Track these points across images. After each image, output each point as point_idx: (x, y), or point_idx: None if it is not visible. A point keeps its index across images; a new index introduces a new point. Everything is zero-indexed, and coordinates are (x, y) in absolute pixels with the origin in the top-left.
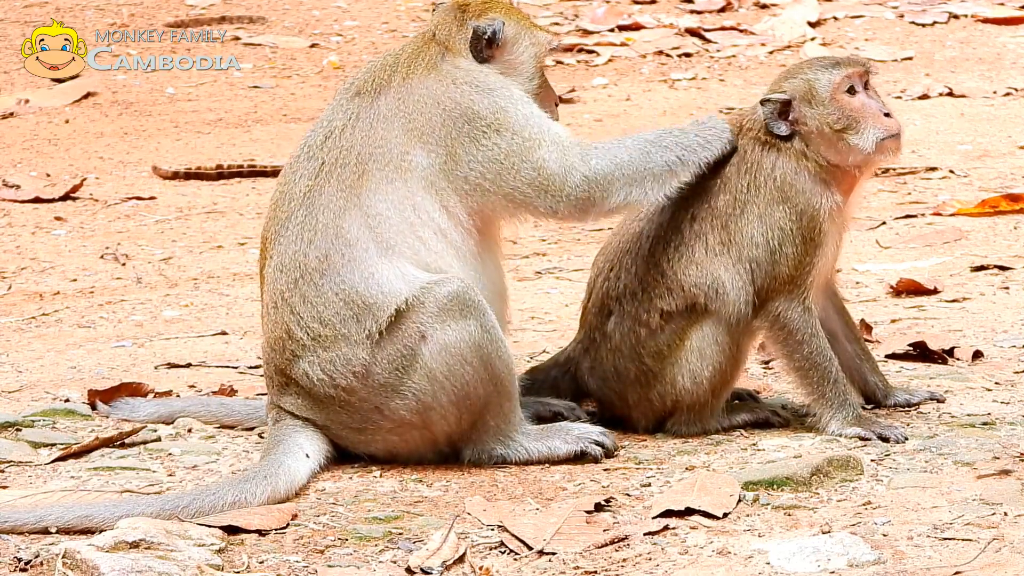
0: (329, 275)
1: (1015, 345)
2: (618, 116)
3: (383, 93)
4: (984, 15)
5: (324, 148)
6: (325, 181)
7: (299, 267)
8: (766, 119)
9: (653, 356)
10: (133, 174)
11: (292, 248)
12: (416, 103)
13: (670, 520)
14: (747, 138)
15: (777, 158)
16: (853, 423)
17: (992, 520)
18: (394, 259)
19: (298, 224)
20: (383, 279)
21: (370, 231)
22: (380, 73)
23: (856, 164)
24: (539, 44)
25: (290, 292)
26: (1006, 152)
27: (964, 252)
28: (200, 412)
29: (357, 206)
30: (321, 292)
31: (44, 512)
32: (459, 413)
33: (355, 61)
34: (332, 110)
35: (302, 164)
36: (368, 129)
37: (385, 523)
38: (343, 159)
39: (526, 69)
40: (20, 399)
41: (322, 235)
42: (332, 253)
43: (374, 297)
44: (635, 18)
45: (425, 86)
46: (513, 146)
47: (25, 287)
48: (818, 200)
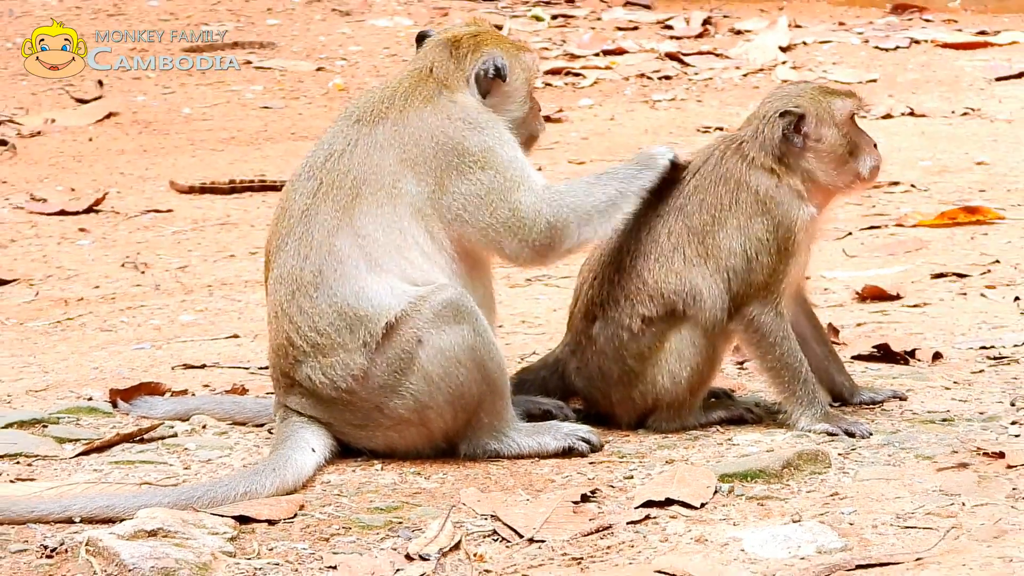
0: (322, 289)
1: (972, 347)
2: (603, 135)
3: (381, 123)
4: (943, 40)
5: (324, 169)
6: (322, 201)
7: (296, 280)
8: (784, 130)
9: (635, 358)
10: (152, 188)
11: (290, 262)
12: (411, 134)
13: (651, 510)
14: (731, 155)
15: (759, 174)
16: (822, 420)
17: (951, 510)
18: (382, 275)
19: (296, 239)
20: (372, 294)
21: (360, 249)
22: (379, 104)
23: (847, 185)
24: (528, 69)
25: (288, 303)
26: (964, 168)
27: (925, 261)
28: (214, 410)
29: (349, 225)
30: (316, 304)
31: (68, 503)
32: (455, 411)
33: (359, 83)
34: (333, 134)
35: (302, 183)
36: (365, 155)
37: (386, 513)
38: (339, 182)
39: (519, 94)
40: (46, 397)
41: (316, 251)
42: (325, 268)
43: (364, 310)
44: (619, 43)
45: (421, 119)
46: (495, 184)
47: (51, 293)
48: (795, 212)
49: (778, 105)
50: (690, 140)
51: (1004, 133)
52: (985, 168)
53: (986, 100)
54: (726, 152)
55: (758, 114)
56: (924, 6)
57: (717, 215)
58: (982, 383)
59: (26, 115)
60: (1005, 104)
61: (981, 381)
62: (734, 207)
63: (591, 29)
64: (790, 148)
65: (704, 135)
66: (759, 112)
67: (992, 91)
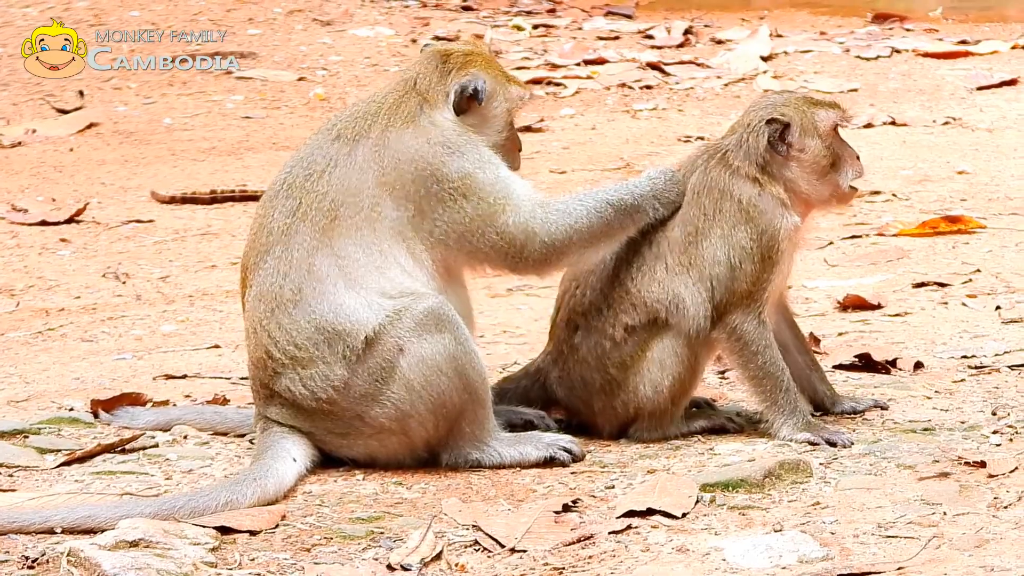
0: (301, 306)
1: (953, 356)
2: (584, 144)
3: (361, 142)
4: (924, 50)
5: (303, 189)
6: (301, 221)
7: (275, 298)
8: (770, 137)
9: (617, 367)
10: (133, 199)
11: (269, 280)
12: (390, 158)
13: (633, 520)
14: (714, 164)
15: (743, 182)
16: (803, 429)
17: (932, 519)
18: (361, 292)
19: (275, 258)
20: (351, 310)
21: (339, 269)
22: (361, 121)
23: (827, 197)
24: (512, 100)
25: (267, 320)
26: (945, 177)
27: (906, 270)
28: (195, 420)
29: (328, 246)
30: (295, 321)
31: (50, 513)
32: (436, 420)
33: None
34: (313, 149)
35: (281, 201)
36: (344, 176)
37: (367, 523)
38: (318, 203)
39: (498, 123)
40: (28, 408)
41: (296, 270)
42: (304, 287)
43: (343, 325)
44: (600, 53)
45: (401, 141)
46: (479, 211)
47: (32, 304)
48: (778, 221)
49: (763, 114)
50: (671, 150)
51: (985, 142)
52: (966, 177)
53: (967, 109)
54: (709, 162)
55: (742, 123)
56: (905, 15)
57: (701, 225)
58: (963, 392)
59: (7, 125)
60: (986, 113)
61: (962, 390)
62: (718, 216)
63: (572, 39)
64: (774, 157)
65: (685, 144)
66: (743, 121)
67: (973, 100)
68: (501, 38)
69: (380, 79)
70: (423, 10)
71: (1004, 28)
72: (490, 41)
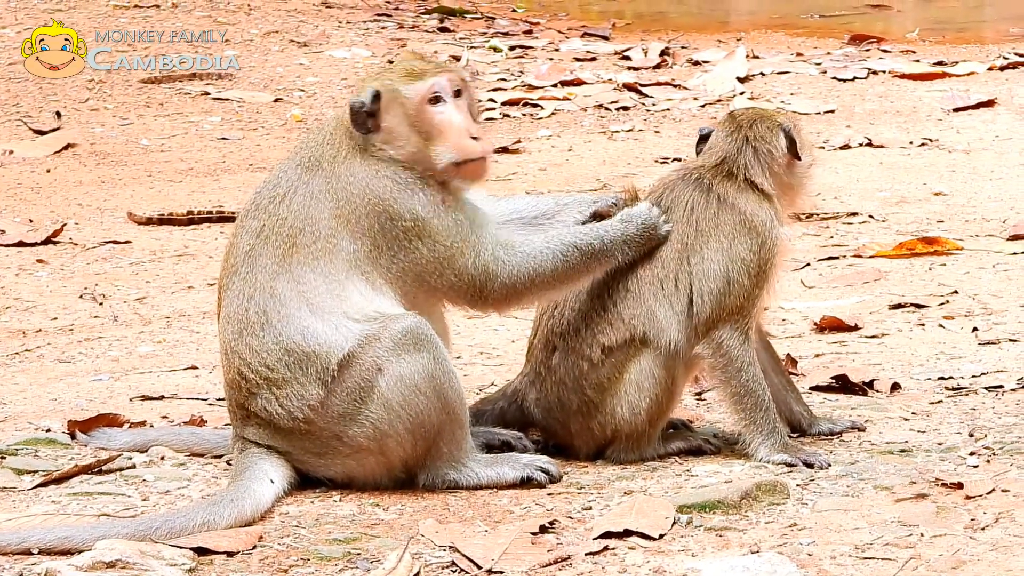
0: (268, 329)
1: (930, 378)
2: (561, 165)
3: (317, 172)
4: (901, 71)
5: (267, 212)
6: (263, 244)
7: (241, 320)
8: (788, 147)
9: (594, 388)
10: (110, 220)
11: (236, 302)
12: (343, 189)
13: (610, 541)
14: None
15: (746, 195)
16: (780, 450)
17: (909, 540)
18: (326, 316)
19: (241, 279)
20: (319, 333)
21: (300, 295)
22: (318, 147)
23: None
24: (407, 104)
25: (236, 342)
26: (922, 198)
27: (883, 291)
28: (172, 441)
29: (288, 271)
30: (263, 343)
31: (27, 534)
32: (414, 440)
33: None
34: (279, 172)
35: (249, 221)
36: (301, 205)
37: (344, 544)
38: (278, 228)
39: (401, 134)
40: (4, 429)
41: (259, 293)
42: (269, 310)
43: (312, 347)
44: (577, 74)
45: (351, 172)
46: (436, 254)
47: (9, 325)
48: (776, 232)
49: (769, 124)
50: (648, 171)
51: (962, 164)
52: (943, 199)
53: (944, 131)
54: (702, 177)
55: (745, 137)
56: (882, 37)
57: (691, 240)
58: (940, 414)
59: None
60: (963, 135)
61: (939, 412)
62: (714, 231)
63: (549, 60)
64: (784, 164)
65: (662, 166)
66: (747, 136)
67: (950, 122)
68: (478, 59)
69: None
70: (400, 31)
71: (981, 49)
72: (467, 62)
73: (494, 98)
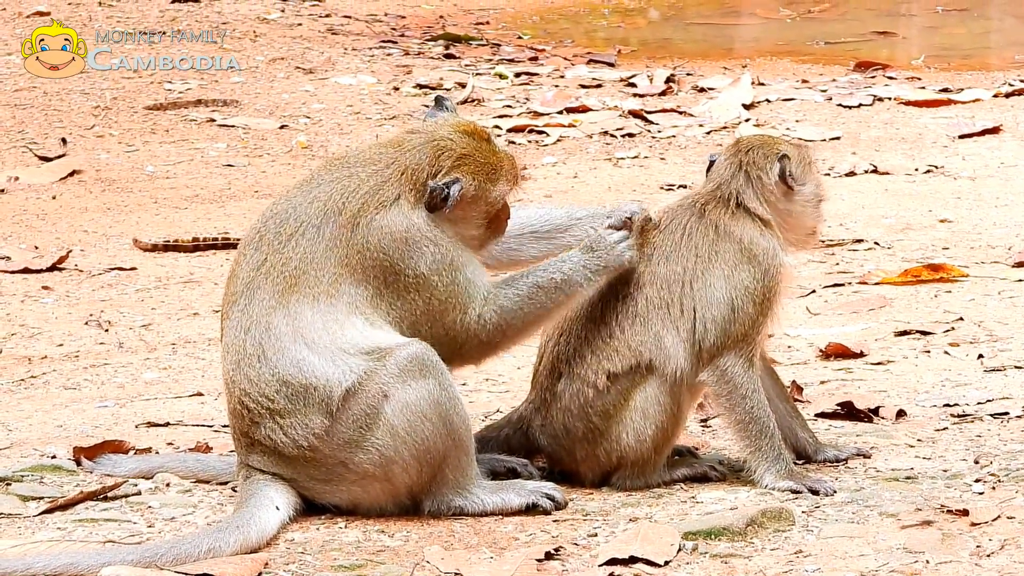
0: (264, 361)
1: (936, 405)
2: (566, 192)
3: (333, 217)
4: (906, 98)
5: (271, 246)
6: (264, 278)
7: (239, 351)
8: (788, 173)
9: (600, 415)
10: (115, 246)
11: (233, 333)
12: (358, 241)
13: (615, 568)
14: (712, 207)
15: (746, 223)
16: (786, 477)
17: (915, 567)
18: (322, 352)
19: (239, 310)
20: (316, 367)
21: (296, 331)
22: (340, 192)
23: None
24: (492, 202)
25: (235, 372)
26: (927, 225)
27: (888, 318)
28: (178, 468)
29: (285, 307)
30: (261, 375)
31: (32, 560)
32: (420, 466)
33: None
34: (287, 205)
35: (251, 251)
36: (309, 247)
37: (350, 571)
38: (280, 266)
39: (476, 220)
40: (10, 456)
41: (256, 326)
42: (265, 343)
43: (309, 380)
44: (582, 101)
45: (371, 228)
46: (431, 306)
47: (15, 351)
48: (779, 260)
49: (766, 151)
50: (653, 198)
51: (967, 191)
52: (948, 225)
53: (949, 157)
54: (705, 205)
55: (739, 163)
56: (887, 64)
57: (692, 266)
58: (946, 441)
59: None
60: (968, 161)
61: (945, 439)
62: (715, 257)
63: (554, 87)
64: (779, 192)
65: (668, 193)
66: (742, 161)
67: (955, 148)
68: (483, 86)
69: (362, 127)
70: (405, 58)
71: (986, 76)
72: (472, 89)
73: (499, 125)
